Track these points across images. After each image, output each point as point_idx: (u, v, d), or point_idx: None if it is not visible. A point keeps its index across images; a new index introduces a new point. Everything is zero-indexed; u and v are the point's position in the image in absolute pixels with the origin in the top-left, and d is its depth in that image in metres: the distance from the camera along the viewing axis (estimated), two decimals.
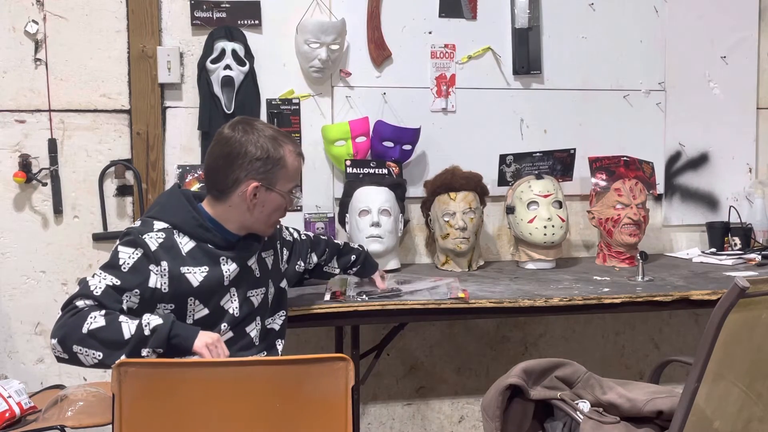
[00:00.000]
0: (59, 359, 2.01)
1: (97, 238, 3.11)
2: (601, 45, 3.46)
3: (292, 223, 3.15)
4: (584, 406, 2.13)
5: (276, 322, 2.36)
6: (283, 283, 2.40)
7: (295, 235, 2.63)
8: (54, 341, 1.99)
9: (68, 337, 1.97)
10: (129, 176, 3.13)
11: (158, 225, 2.14)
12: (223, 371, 1.87)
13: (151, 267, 2.07)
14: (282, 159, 2.17)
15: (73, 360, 1.99)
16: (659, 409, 2.06)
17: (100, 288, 2.03)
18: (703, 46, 3.56)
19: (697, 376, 1.82)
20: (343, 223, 3.16)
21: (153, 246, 2.09)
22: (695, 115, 3.56)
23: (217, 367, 1.89)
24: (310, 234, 2.72)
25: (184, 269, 2.11)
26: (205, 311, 2.15)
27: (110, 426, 1.86)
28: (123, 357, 1.94)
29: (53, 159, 3.07)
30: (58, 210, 3.09)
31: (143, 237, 2.09)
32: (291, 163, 2.19)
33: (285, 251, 2.53)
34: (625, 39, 3.48)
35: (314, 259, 2.67)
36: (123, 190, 3.14)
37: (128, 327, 1.97)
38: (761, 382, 1.94)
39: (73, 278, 3.10)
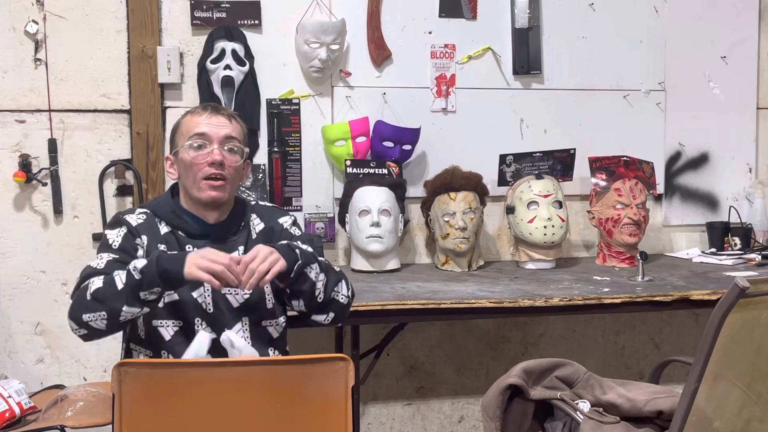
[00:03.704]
0: (83, 338, 2.06)
1: (97, 238, 3.09)
2: (601, 45, 3.46)
3: None
4: (584, 406, 2.13)
5: (275, 327, 2.23)
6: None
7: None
8: (70, 322, 2.04)
9: (77, 311, 2.02)
10: (129, 176, 3.13)
11: (140, 210, 2.24)
12: (223, 371, 1.87)
13: (137, 241, 2.16)
14: (179, 124, 2.23)
15: (91, 332, 2.03)
16: (659, 409, 2.06)
17: (103, 263, 2.10)
18: (703, 46, 3.56)
19: (697, 376, 1.82)
20: (343, 223, 3.15)
21: (134, 223, 2.19)
22: (695, 115, 3.56)
23: (217, 367, 1.89)
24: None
25: (161, 246, 2.16)
26: (175, 296, 2.13)
27: (110, 426, 1.86)
28: (125, 307, 1.98)
29: (53, 159, 3.07)
30: (58, 210, 3.09)
31: (124, 217, 2.21)
32: (185, 120, 2.22)
33: None
34: (625, 39, 3.48)
35: None
36: (123, 190, 3.14)
37: (120, 278, 2.00)
38: (761, 382, 1.94)
39: (72, 278, 3.04)
